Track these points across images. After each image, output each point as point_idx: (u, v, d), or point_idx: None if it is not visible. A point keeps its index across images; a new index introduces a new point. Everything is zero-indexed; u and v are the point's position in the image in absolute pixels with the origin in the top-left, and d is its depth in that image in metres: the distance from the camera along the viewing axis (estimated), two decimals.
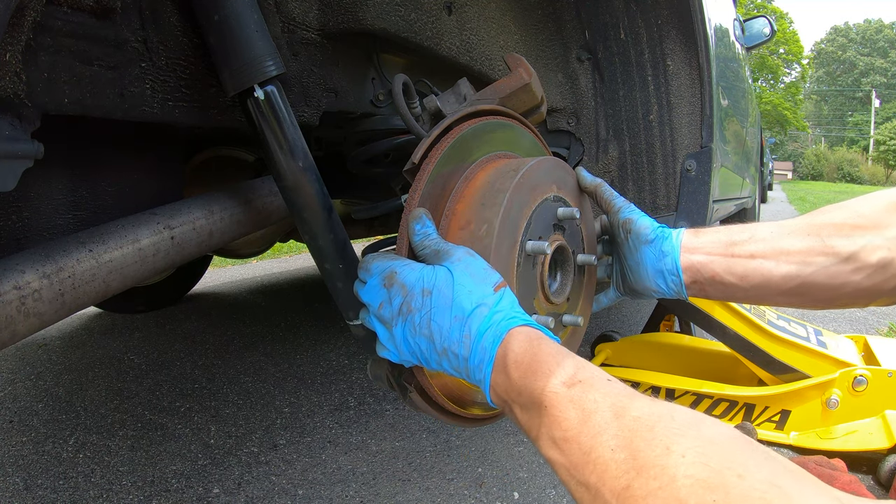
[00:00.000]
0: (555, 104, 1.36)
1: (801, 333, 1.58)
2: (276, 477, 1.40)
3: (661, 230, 0.75)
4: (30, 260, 0.61)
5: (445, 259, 0.58)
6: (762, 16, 3.62)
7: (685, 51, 1.26)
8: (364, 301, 0.62)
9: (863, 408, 1.40)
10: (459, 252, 0.58)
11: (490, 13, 1.13)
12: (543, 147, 0.87)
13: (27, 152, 0.51)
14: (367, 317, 0.62)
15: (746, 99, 2.84)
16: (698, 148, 1.33)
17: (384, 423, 1.67)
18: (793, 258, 0.66)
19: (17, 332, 0.58)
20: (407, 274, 0.58)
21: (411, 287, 0.56)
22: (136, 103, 0.64)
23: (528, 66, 0.77)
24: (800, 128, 34.55)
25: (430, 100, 0.79)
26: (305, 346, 2.38)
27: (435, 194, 0.67)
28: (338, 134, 1.28)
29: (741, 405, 1.53)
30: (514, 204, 0.65)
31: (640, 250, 0.74)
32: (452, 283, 0.54)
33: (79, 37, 0.57)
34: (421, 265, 0.59)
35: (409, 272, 0.58)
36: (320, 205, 0.73)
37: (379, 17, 0.86)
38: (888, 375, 1.38)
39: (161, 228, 0.76)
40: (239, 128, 0.79)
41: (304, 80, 0.86)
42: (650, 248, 0.74)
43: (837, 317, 2.79)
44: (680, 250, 0.72)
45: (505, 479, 1.39)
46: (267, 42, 0.67)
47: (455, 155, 0.69)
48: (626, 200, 0.79)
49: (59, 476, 1.41)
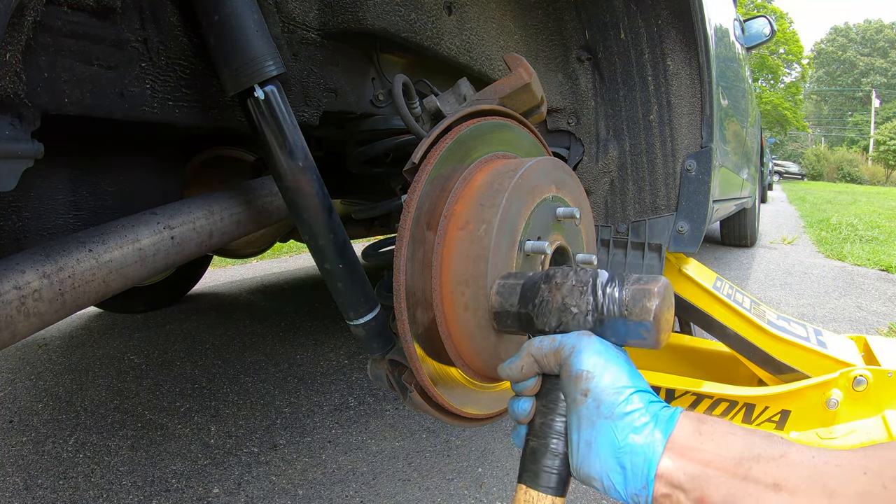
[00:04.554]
0: (555, 104, 1.36)
1: (801, 333, 1.58)
2: (276, 477, 1.40)
3: (636, 402, 0.50)
4: (30, 260, 0.61)
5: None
6: (762, 16, 3.62)
7: (685, 51, 1.26)
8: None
9: (863, 408, 1.40)
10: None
11: (490, 13, 1.13)
12: (543, 147, 0.87)
13: (27, 152, 0.51)
14: None
15: (746, 99, 2.84)
16: (698, 148, 1.33)
17: (384, 423, 1.67)
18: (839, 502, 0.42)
19: (17, 332, 0.58)
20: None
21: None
22: (136, 103, 0.64)
23: (528, 66, 0.77)
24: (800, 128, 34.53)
25: (430, 100, 0.79)
26: (305, 346, 2.38)
27: (434, 195, 0.67)
28: (338, 134, 1.28)
29: (741, 405, 1.53)
30: (512, 204, 0.65)
31: (595, 426, 0.50)
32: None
33: (79, 37, 0.57)
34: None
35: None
36: (320, 205, 0.73)
37: (379, 17, 0.86)
38: (888, 375, 1.38)
39: (161, 228, 0.76)
40: (239, 128, 0.79)
41: (304, 80, 0.86)
42: (612, 428, 0.49)
43: (837, 317, 2.79)
44: (664, 447, 0.47)
45: (505, 479, 1.39)
46: (267, 42, 0.67)
47: (455, 155, 0.69)
48: (585, 336, 0.55)
49: (59, 476, 1.41)
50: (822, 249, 4.97)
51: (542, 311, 0.59)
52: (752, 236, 4.94)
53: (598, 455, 0.50)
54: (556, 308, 0.58)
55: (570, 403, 0.53)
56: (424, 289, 0.66)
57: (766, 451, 0.44)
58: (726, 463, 0.45)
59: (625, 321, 0.54)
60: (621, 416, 0.49)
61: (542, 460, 0.54)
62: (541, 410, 0.56)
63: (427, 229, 0.66)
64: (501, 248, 0.63)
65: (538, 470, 0.54)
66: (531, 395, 0.58)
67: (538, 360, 0.56)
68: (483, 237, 0.63)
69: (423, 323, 0.67)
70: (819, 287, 3.46)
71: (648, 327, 0.53)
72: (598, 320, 0.56)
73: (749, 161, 3.15)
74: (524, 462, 0.55)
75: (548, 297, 0.58)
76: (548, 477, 0.53)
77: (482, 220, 0.64)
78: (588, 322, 0.56)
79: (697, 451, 0.46)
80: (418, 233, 0.65)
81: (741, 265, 4.17)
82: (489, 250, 0.62)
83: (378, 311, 0.80)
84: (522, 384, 0.58)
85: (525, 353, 0.57)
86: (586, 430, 0.51)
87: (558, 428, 0.55)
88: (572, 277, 0.58)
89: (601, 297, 0.56)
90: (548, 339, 0.56)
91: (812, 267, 4.14)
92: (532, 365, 0.57)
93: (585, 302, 0.56)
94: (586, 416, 0.51)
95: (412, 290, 0.65)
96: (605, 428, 0.50)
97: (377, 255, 0.95)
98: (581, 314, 0.56)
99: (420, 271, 0.65)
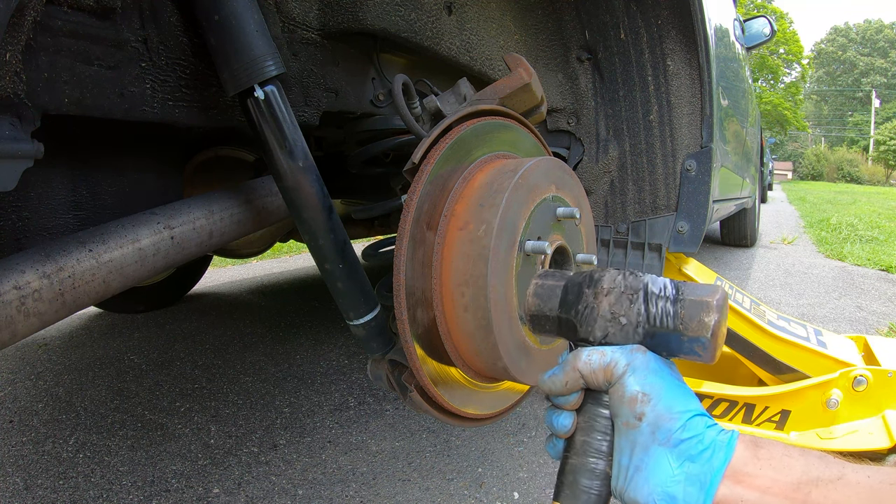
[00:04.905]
0: (555, 104, 1.36)
1: (801, 333, 1.58)
2: (276, 477, 1.40)
3: (695, 428, 0.47)
4: (30, 260, 0.61)
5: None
6: (762, 16, 3.62)
7: (685, 51, 1.26)
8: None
9: (863, 408, 1.40)
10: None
11: (490, 13, 1.13)
12: (543, 147, 0.87)
13: (27, 152, 0.51)
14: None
15: (746, 99, 2.84)
16: (698, 148, 1.33)
17: (384, 423, 1.67)
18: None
19: (17, 332, 0.58)
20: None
21: None
22: (136, 103, 0.64)
23: (528, 66, 0.77)
24: (800, 128, 34.52)
25: (430, 100, 0.79)
26: (305, 346, 2.38)
27: (434, 195, 0.67)
28: (338, 134, 1.28)
29: (741, 405, 1.53)
30: (512, 204, 0.65)
31: (649, 452, 0.48)
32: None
33: (79, 37, 0.57)
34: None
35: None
36: (320, 205, 0.73)
37: (379, 17, 0.86)
38: (888, 375, 1.38)
39: (161, 228, 0.76)
40: (239, 128, 0.79)
41: (304, 80, 0.86)
42: (668, 455, 0.47)
43: (837, 317, 2.79)
44: (723, 475, 0.45)
45: (505, 479, 1.39)
46: (267, 42, 0.67)
47: (455, 155, 0.69)
48: (639, 354, 0.51)
49: (59, 476, 1.41)
50: (822, 249, 4.98)
51: (587, 319, 0.54)
52: (752, 236, 4.94)
53: (648, 482, 0.47)
54: (602, 317, 0.53)
55: (621, 425, 0.50)
56: (424, 289, 0.66)
57: (823, 474, 0.44)
58: (785, 488, 0.44)
59: (679, 336, 0.50)
60: (678, 442, 0.47)
61: (582, 479, 0.52)
62: (581, 427, 0.53)
63: (427, 229, 0.66)
64: (501, 248, 0.64)
65: (577, 490, 0.52)
66: (573, 409, 0.54)
67: (585, 375, 0.52)
68: (483, 238, 0.63)
69: (424, 323, 0.67)
70: (819, 287, 3.46)
71: (705, 344, 0.49)
72: (649, 333, 0.51)
73: (749, 161, 3.15)
74: (562, 480, 0.53)
75: (593, 304, 0.54)
76: (587, 497, 0.51)
77: (482, 221, 0.64)
78: (638, 335, 0.52)
79: (756, 476, 0.45)
80: (418, 233, 0.65)
81: (741, 265, 4.17)
82: (489, 251, 0.62)
83: (378, 311, 0.80)
84: (564, 399, 0.54)
85: (570, 366, 0.53)
86: (638, 456, 0.48)
87: (600, 447, 0.52)
88: (621, 283, 0.54)
89: (653, 308, 0.51)
90: (596, 352, 0.52)
91: (812, 267, 4.14)
92: (578, 380, 0.53)
93: (636, 312, 0.52)
94: (639, 442, 0.48)
95: (412, 291, 0.65)
96: (660, 455, 0.47)
97: (377, 255, 0.95)
98: (631, 326, 0.52)
99: (420, 271, 0.65)
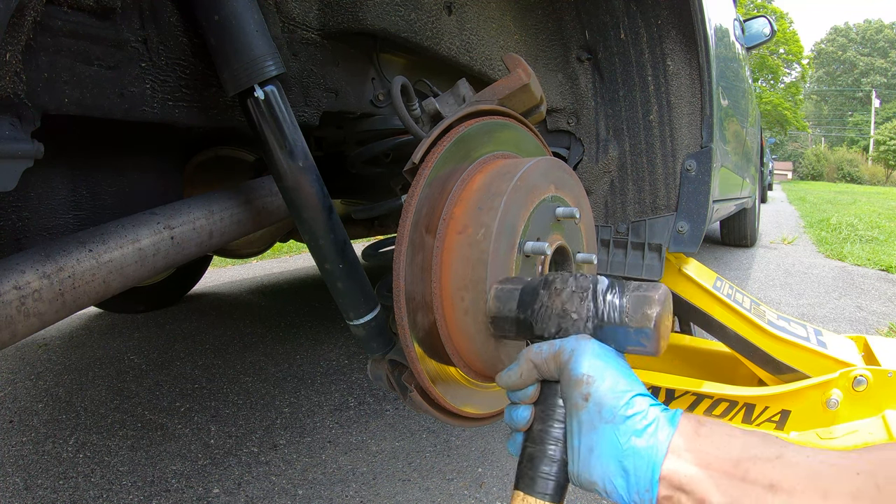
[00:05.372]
0: (555, 104, 1.36)
1: (801, 333, 1.58)
2: (276, 477, 1.40)
3: (638, 405, 0.50)
4: (30, 260, 0.61)
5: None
6: (762, 16, 3.62)
7: (685, 51, 1.26)
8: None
9: (863, 408, 1.40)
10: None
11: (490, 13, 1.13)
12: (543, 147, 0.87)
13: (27, 152, 0.51)
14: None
15: (746, 99, 2.84)
16: (698, 148, 1.33)
17: (384, 423, 1.67)
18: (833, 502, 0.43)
19: (17, 332, 0.58)
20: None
21: None
22: (136, 103, 0.64)
23: (527, 66, 0.77)
24: (800, 128, 34.50)
25: (429, 102, 0.79)
26: (305, 346, 2.38)
27: (433, 198, 0.67)
28: (338, 134, 1.28)
29: (741, 405, 1.53)
30: (511, 207, 0.65)
31: (597, 430, 0.50)
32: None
33: (79, 37, 0.57)
34: None
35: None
36: (320, 205, 0.73)
37: (379, 17, 0.86)
38: (888, 375, 1.38)
39: (161, 228, 0.76)
40: (239, 128, 0.79)
41: (304, 80, 0.86)
42: (615, 432, 0.49)
43: (837, 317, 2.79)
44: (667, 450, 0.47)
45: (505, 479, 1.39)
46: (267, 42, 0.67)
47: (454, 156, 0.69)
48: (583, 340, 0.54)
49: (59, 476, 1.41)
50: (822, 249, 4.97)
51: (542, 316, 0.58)
52: (752, 236, 4.94)
53: (600, 459, 0.49)
54: (555, 314, 0.58)
55: (571, 408, 0.53)
56: (424, 293, 0.66)
57: (762, 452, 0.45)
58: (725, 464, 0.46)
59: (625, 328, 0.54)
60: (623, 419, 0.49)
61: (540, 466, 0.54)
62: (539, 416, 0.56)
63: (426, 233, 0.66)
64: (500, 251, 0.63)
65: (535, 476, 0.54)
66: (531, 402, 0.57)
67: (537, 365, 0.56)
68: (482, 241, 0.63)
69: (424, 327, 0.67)
70: (819, 287, 3.46)
71: (649, 334, 0.53)
72: (598, 326, 0.56)
73: (749, 161, 3.15)
74: (521, 468, 0.55)
75: (547, 303, 0.58)
76: (545, 483, 0.53)
77: (481, 225, 0.64)
78: (588, 328, 0.56)
79: (698, 452, 0.47)
80: (417, 237, 0.65)
81: (741, 265, 4.17)
82: (488, 254, 0.62)
83: (378, 310, 0.80)
84: (522, 392, 0.57)
85: (524, 359, 0.57)
86: (587, 435, 0.50)
87: (556, 434, 0.54)
88: (572, 283, 0.58)
89: (601, 304, 0.56)
90: (546, 343, 0.56)
91: (812, 267, 4.14)
92: (531, 371, 0.56)
93: (586, 308, 0.56)
94: (587, 421, 0.51)
95: (412, 295, 0.65)
96: (607, 432, 0.49)
97: (377, 255, 0.95)
98: (581, 320, 0.56)
99: (420, 276, 0.65)
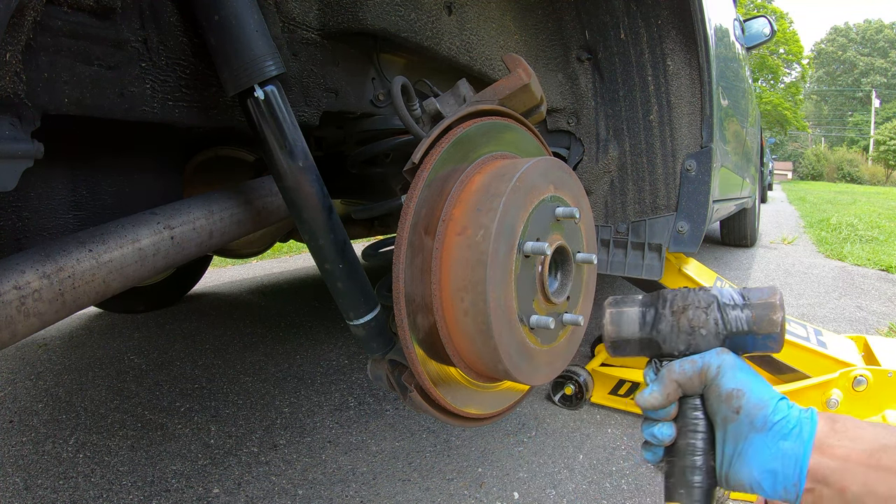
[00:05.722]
0: (555, 104, 1.36)
1: (801, 333, 1.58)
2: (276, 477, 1.40)
3: (783, 410, 0.55)
4: (30, 260, 0.61)
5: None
6: (762, 16, 3.63)
7: (685, 51, 1.26)
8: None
9: (863, 408, 1.40)
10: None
11: (490, 13, 1.13)
12: (543, 147, 0.87)
13: (27, 152, 0.51)
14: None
15: (746, 99, 2.84)
16: (698, 148, 1.33)
17: (384, 423, 1.67)
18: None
19: (17, 332, 0.58)
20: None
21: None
22: (136, 103, 0.64)
23: (527, 66, 0.77)
24: (800, 128, 34.50)
25: (430, 102, 0.79)
26: (305, 346, 2.38)
27: (432, 199, 0.67)
28: (338, 134, 1.28)
29: None
30: (510, 208, 0.65)
31: (748, 439, 0.55)
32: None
33: (79, 37, 0.57)
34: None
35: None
36: (320, 205, 0.73)
37: (379, 17, 0.86)
38: (888, 375, 1.38)
39: (161, 228, 0.76)
40: (239, 128, 0.79)
41: (304, 80, 0.86)
42: (764, 439, 0.54)
43: (837, 317, 2.79)
44: (812, 446, 0.52)
45: (505, 479, 1.39)
46: (267, 42, 0.67)
47: (454, 156, 0.69)
48: (725, 355, 0.59)
49: (59, 476, 1.41)
50: (822, 249, 4.97)
51: (670, 335, 0.62)
52: (752, 236, 4.93)
53: (750, 464, 0.55)
54: (683, 332, 0.61)
55: (720, 421, 0.58)
56: (424, 295, 0.65)
57: (890, 441, 0.51)
58: (860, 455, 0.50)
59: (753, 336, 0.60)
60: (772, 425, 0.54)
61: (693, 478, 0.59)
62: (681, 432, 0.60)
63: (425, 235, 0.66)
64: (500, 252, 0.63)
65: (690, 488, 0.58)
66: (672, 419, 0.61)
67: (682, 384, 0.59)
68: (481, 243, 0.63)
69: (424, 328, 0.67)
70: (819, 287, 3.46)
71: (776, 338, 0.58)
72: (727, 338, 0.60)
73: (749, 161, 3.15)
74: (674, 482, 0.60)
75: (672, 322, 0.62)
76: (699, 493, 0.58)
77: (480, 226, 0.64)
78: (718, 341, 0.60)
79: (835, 447, 0.52)
80: (416, 239, 0.65)
81: (741, 265, 4.17)
82: (487, 256, 0.62)
83: (378, 310, 0.80)
84: (664, 411, 0.61)
85: (667, 379, 0.60)
86: (738, 444, 0.56)
87: (702, 446, 0.59)
88: (693, 300, 0.62)
89: (728, 316, 0.60)
90: (687, 362, 0.59)
91: (812, 267, 4.14)
92: (676, 390, 0.60)
93: (713, 322, 0.60)
94: (738, 431, 0.56)
95: (412, 297, 0.65)
96: (757, 440, 0.55)
97: (377, 255, 0.95)
98: (710, 335, 0.60)
99: (419, 277, 0.65)
